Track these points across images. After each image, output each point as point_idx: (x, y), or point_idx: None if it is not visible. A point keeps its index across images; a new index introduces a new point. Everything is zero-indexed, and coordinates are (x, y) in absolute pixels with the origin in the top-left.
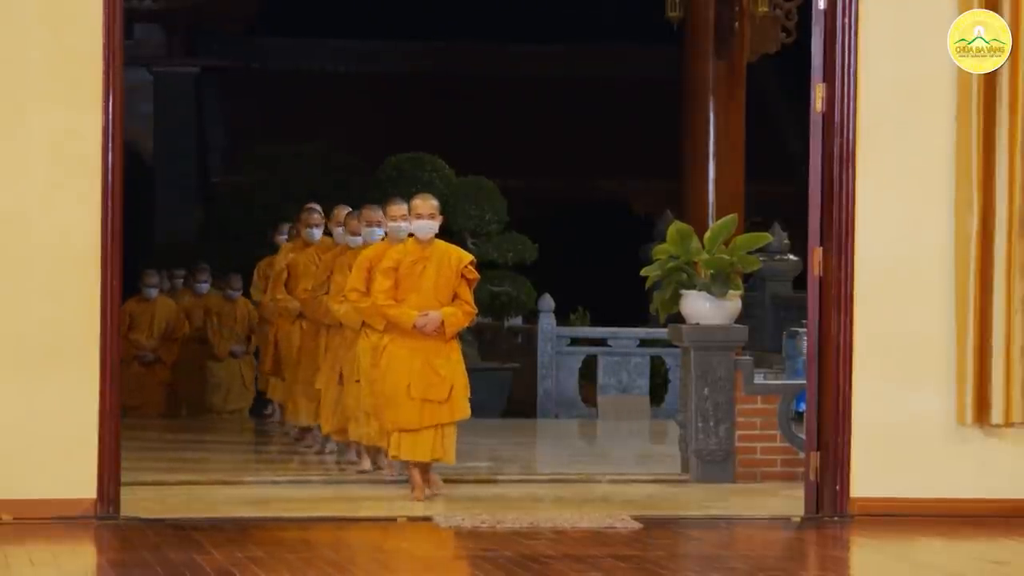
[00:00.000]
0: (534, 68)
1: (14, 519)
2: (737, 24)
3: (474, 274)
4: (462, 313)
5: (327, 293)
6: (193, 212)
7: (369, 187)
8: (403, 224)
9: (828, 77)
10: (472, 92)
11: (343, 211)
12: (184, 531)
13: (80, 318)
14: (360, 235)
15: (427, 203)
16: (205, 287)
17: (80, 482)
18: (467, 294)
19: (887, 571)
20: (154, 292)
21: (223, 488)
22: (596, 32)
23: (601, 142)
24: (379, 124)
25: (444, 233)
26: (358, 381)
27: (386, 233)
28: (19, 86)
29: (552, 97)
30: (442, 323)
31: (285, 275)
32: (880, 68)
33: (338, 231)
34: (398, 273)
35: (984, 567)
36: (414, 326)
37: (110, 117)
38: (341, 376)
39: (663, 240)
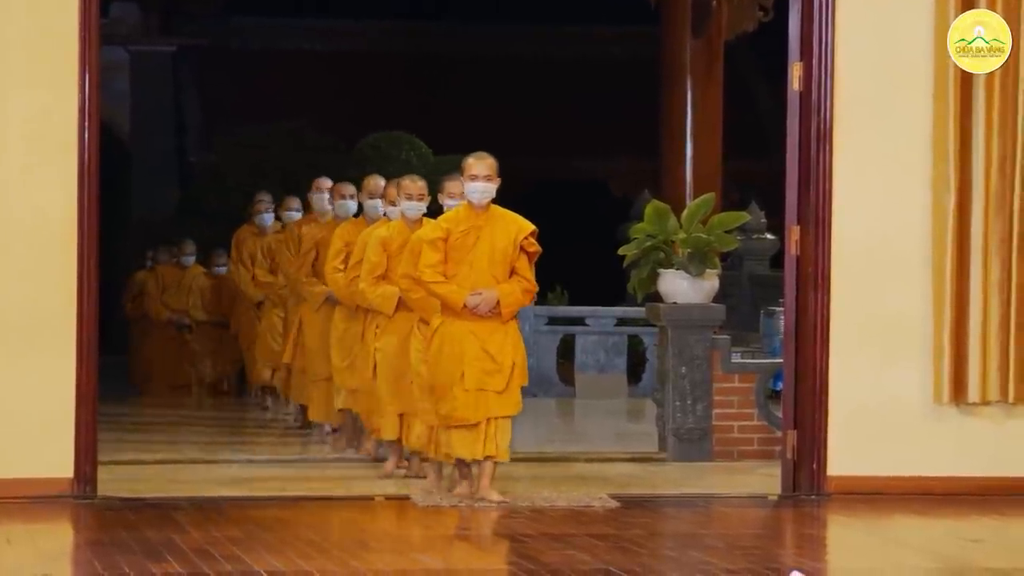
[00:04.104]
0: (512, 47)
1: None
2: (714, 2)
3: (535, 246)
4: (520, 291)
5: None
6: (169, 191)
7: (346, 166)
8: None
9: (805, 56)
10: (450, 72)
11: (374, 181)
12: (162, 510)
13: (57, 297)
14: (397, 205)
15: (483, 162)
16: (191, 260)
17: (57, 462)
18: (527, 269)
19: (863, 549)
20: (191, 260)
21: (201, 467)
22: (574, 11)
23: (579, 122)
24: (356, 103)
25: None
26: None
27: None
28: None
29: (530, 76)
30: (498, 303)
31: (313, 255)
32: (857, 47)
33: (370, 203)
34: (448, 244)
35: (960, 544)
36: (465, 306)
37: (86, 96)
38: (375, 369)
39: (641, 219)
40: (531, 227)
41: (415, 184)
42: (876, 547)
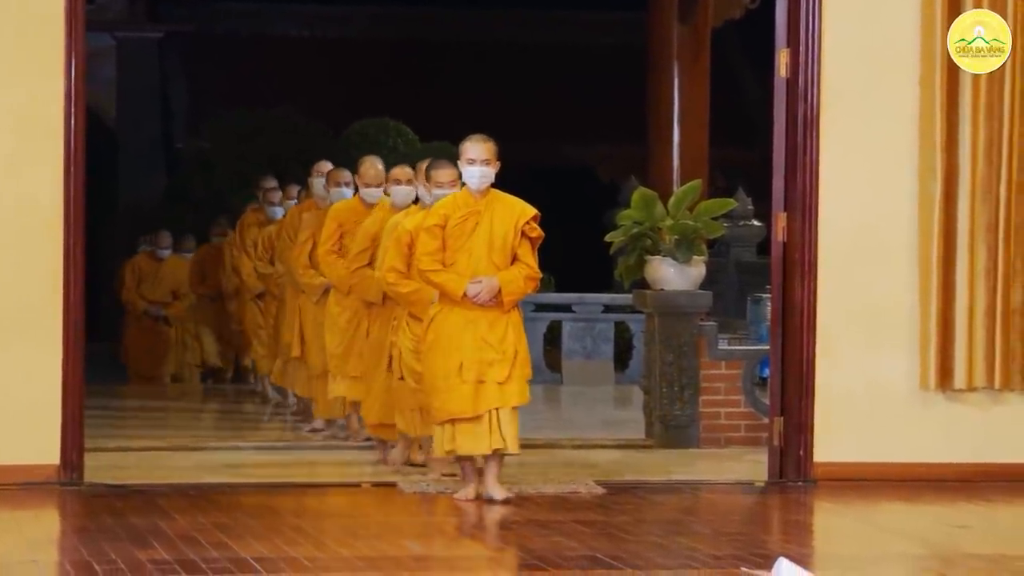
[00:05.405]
0: (500, 33)
1: None
2: None
3: (538, 231)
4: (523, 278)
5: (367, 264)
6: (156, 177)
7: (333, 152)
8: (451, 191)
9: (792, 42)
10: (439, 58)
11: (401, 168)
12: (148, 497)
13: (44, 284)
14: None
15: (480, 145)
16: (166, 253)
17: (43, 448)
18: (529, 255)
19: (850, 535)
20: (166, 253)
21: (187, 454)
22: None
23: (568, 107)
24: (344, 89)
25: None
26: (401, 378)
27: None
28: None
29: (519, 63)
30: (499, 291)
31: (310, 245)
32: (844, 33)
33: (397, 189)
34: (445, 232)
35: (947, 530)
36: (465, 295)
37: (72, 83)
38: (391, 361)
39: (628, 206)
40: (533, 211)
41: (446, 171)
42: (863, 533)
